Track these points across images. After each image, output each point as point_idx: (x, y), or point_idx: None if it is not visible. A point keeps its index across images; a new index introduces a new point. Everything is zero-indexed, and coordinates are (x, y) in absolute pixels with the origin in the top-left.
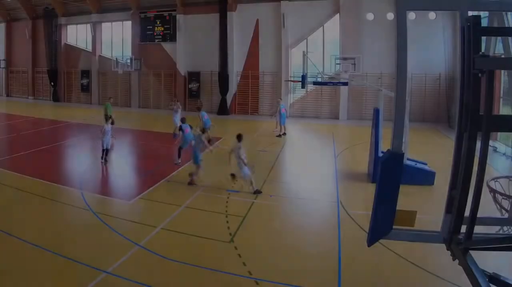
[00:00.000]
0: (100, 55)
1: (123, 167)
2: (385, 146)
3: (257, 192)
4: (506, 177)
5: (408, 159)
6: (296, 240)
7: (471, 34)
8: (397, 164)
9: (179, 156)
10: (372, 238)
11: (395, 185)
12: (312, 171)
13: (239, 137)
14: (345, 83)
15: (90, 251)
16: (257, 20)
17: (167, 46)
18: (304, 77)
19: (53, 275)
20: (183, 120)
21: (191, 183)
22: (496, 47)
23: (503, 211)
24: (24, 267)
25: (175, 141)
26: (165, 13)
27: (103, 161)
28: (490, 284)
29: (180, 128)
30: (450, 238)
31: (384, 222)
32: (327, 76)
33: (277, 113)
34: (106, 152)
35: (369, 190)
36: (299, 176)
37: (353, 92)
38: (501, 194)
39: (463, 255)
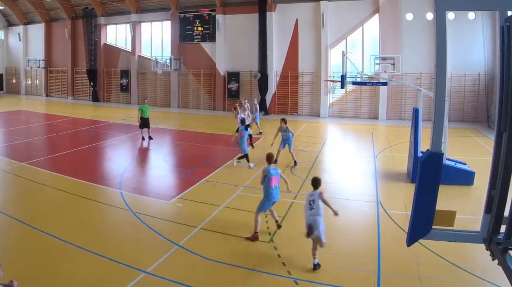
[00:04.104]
0: (139, 55)
1: (162, 167)
2: (424, 146)
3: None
4: None
5: (447, 159)
6: (335, 240)
7: (510, 34)
8: (436, 164)
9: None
10: (412, 238)
11: (434, 185)
12: (352, 170)
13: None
14: (384, 83)
15: (129, 251)
16: (297, 20)
17: (206, 46)
18: (343, 77)
19: (93, 275)
20: (243, 121)
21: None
22: None
23: None
24: (64, 267)
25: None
26: (205, 13)
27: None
28: None
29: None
30: (490, 238)
31: (424, 222)
32: (366, 76)
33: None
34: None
35: (409, 190)
36: (339, 176)
37: (393, 92)
38: None
39: (503, 255)
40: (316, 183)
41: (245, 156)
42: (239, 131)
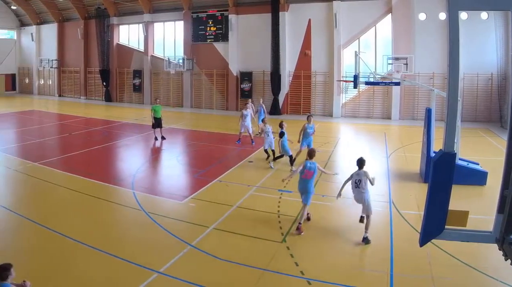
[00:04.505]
0: (152, 55)
1: (175, 167)
2: (437, 146)
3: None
4: None
5: (460, 159)
6: (348, 239)
7: None
8: (449, 164)
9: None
10: (424, 238)
11: (447, 185)
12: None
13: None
14: (397, 83)
15: (142, 251)
16: (309, 20)
17: (219, 46)
18: (356, 77)
19: (105, 275)
20: (281, 125)
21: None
22: None
23: None
24: (76, 267)
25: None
26: (217, 13)
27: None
28: None
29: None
30: (502, 238)
31: (436, 222)
32: (379, 76)
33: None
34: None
35: (421, 190)
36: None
37: (405, 92)
38: None
39: None
40: (361, 163)
41: (290, 157)
42: (279, 134)
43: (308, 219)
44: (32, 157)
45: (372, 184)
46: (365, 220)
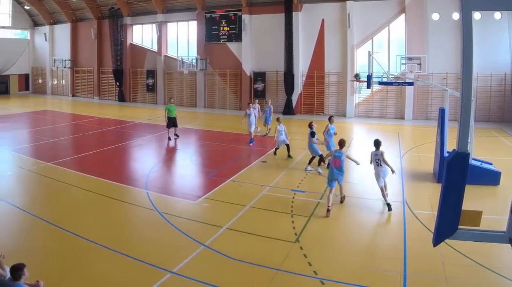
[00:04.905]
0: (165, 55)
1: (188, 167)
2: (450, 146)
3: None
4: None
5: (473, 159)
6: (361, 239)
7: None
8: (462, 164)
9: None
10: (438, 238)
11: (460, 185)
12: None
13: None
14: (411, 83)
15: (155, 251)
16: (323, 20)
17: (232, 46)
18: (369, 77)
19: (119, 275)
20: (310, 125)
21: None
22: None
23: None
24: (90, 267)
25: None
26: (231, 13)
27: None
28: None
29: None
30: None
31: (450, 222)
32: (392, 76)
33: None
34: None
35: (435, 190)
36: (364, 176)
37: (419, 92)
38: None
39: None
40: (378, 144)
41: (320, 157)
42: (310, 133)
43: (341, 201)
44: (45, 157)
45: (391, 168)
46: (385, 191)
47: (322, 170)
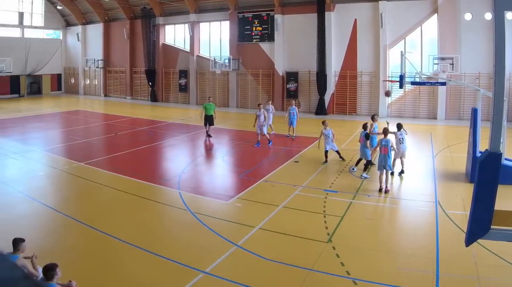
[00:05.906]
0: (198, 55)
1: (220, 167)
2: (483, 146)
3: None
4: None
5: (506, 159)
6: (394, 239)
7: None
8: (495, 164)
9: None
10: (470, 238)
11: (493, 185)
12: (410, 170)
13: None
14: (443, 83)
15: (188, 251)
16: (355, 20)
17: (265, 46)
18: (402, 77)
19: (151, 275)
20: (365, 127)
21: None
22: None
23: None
24: (123, 267)
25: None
26: (263, 13)
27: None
28: None
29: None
30: None
31: (482, 222)
32: (425, 76)
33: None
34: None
35: (467, 190)
36: (397, 176)
37: (451, 92)
38: None
39: None
40: (400, 125)
41: (368, 162)
42: (360, 137)
43: (386, 191)
44: (77, 157)
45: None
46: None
47: (368, 174)
